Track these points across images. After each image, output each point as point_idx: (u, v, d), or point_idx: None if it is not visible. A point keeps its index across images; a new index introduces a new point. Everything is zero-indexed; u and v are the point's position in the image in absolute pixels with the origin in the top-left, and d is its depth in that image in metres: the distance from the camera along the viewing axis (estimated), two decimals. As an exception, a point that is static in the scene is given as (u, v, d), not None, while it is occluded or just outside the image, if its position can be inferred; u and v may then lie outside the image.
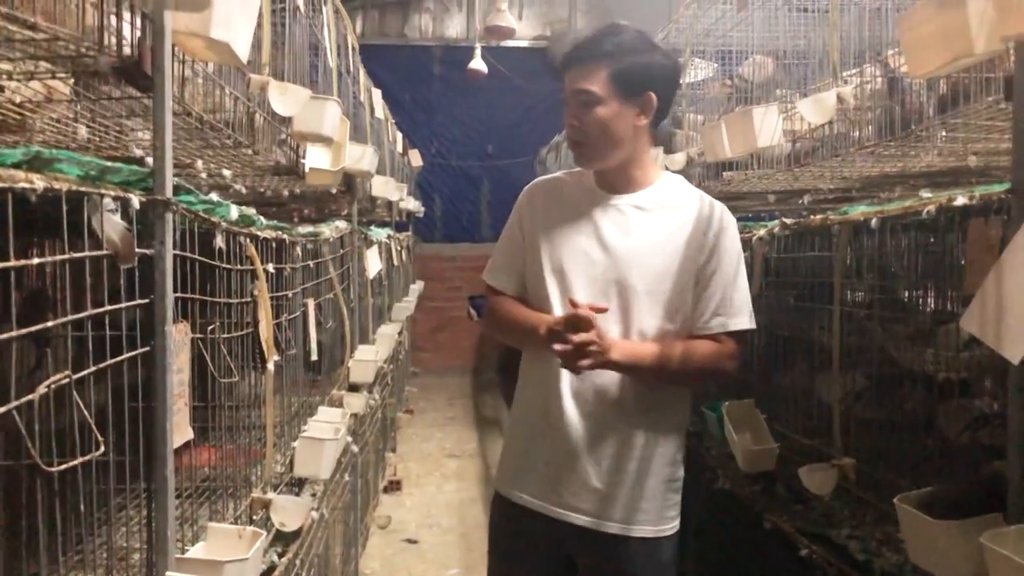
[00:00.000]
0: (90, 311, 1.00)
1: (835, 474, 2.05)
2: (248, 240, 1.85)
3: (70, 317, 0.94)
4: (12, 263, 0.80)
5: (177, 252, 1.28)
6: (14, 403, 0.78)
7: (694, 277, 1.91)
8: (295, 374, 2.62)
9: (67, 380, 0.90)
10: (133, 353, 1.14)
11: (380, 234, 5.11)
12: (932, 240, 2.50)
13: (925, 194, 1.75)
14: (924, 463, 2.09)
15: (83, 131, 1.48)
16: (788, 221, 2.36)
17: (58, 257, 0.91)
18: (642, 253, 1.93)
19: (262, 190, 3.25)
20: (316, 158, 2.45)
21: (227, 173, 2.23)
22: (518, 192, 2.18)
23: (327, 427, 2.43)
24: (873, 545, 2.13)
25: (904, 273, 2.57)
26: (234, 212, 1.64)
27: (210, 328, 1.53)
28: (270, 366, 1.85)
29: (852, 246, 2.12)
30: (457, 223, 10.54)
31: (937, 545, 1.43)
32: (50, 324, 0.90)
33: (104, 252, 1.00)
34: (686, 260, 1.92)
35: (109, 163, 1.02)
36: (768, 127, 2.36)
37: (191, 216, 1.40)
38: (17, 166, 0.82)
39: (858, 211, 1.97)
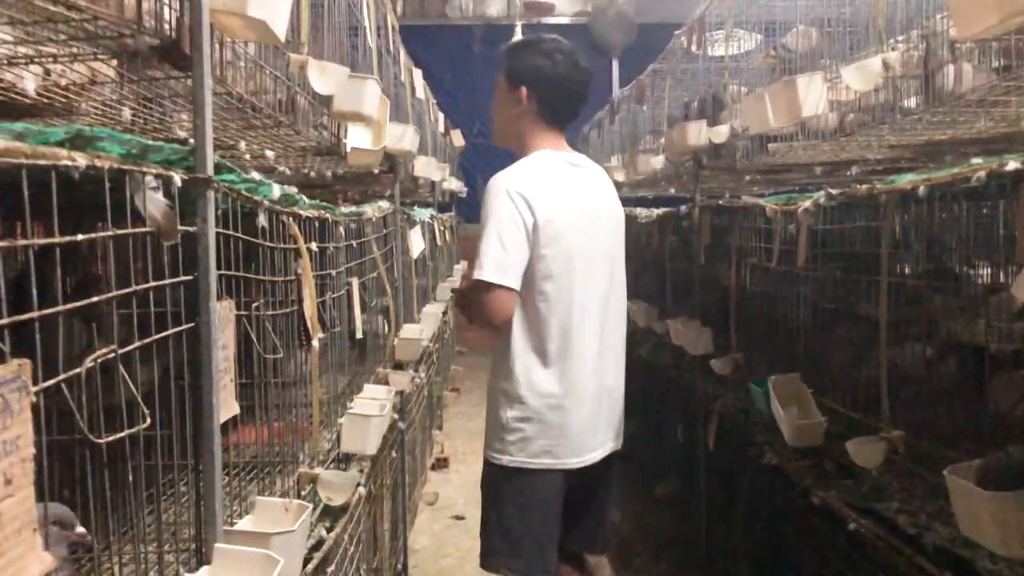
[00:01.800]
0: (133, 287, 1.02)
1: (883, 447, 2.02)
2: (291, 219, 1.86)
3: (114, 293, 0.96)
4: (57, 239, 0.82)
5: (220, 230, 1.30)
6: (62, 376, 0.79)
7: None
8: (341, 352, 2.65)
9: (113, 355, 0.91)
10: (178, 329, 1.16)
11: (423, 214, 5.13)
12: (984, 209, 2.44)
13: (976, 161, 1.70)
14: (976, 436, 2.05)
15: (127, 113, 1.51)
16: (834, 191, 2.31)
17: (101, 234, 0.93)
18: None
19: (306, 171, 3.28)
20: (357, 137, 2.46)
21: (270, 154, 2.26)
22: None
23: (373, 404, 2.45)
24: (924, 519, 2.10)
25: (955, 243, 2.52)
26: (276, 191, 1.66)
27: (254, 305, 1.55)
28: (315, 343, 1.87)
29: (900, 216, 2.08)
30: (499, 204, 10.50)
31: (988, 517, 1.40)
32: (94, 300, 0.91)
33: (147, 229, 1.02)
34: None
35: (151, 142, 1.03)
36: (813, 96, 2.32)
37: (233, 195, 1.41)
38: (60, 144, 0.83)
39: (905, 179, 1.93)
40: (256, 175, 1.52)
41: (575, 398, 2.34)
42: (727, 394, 3.59)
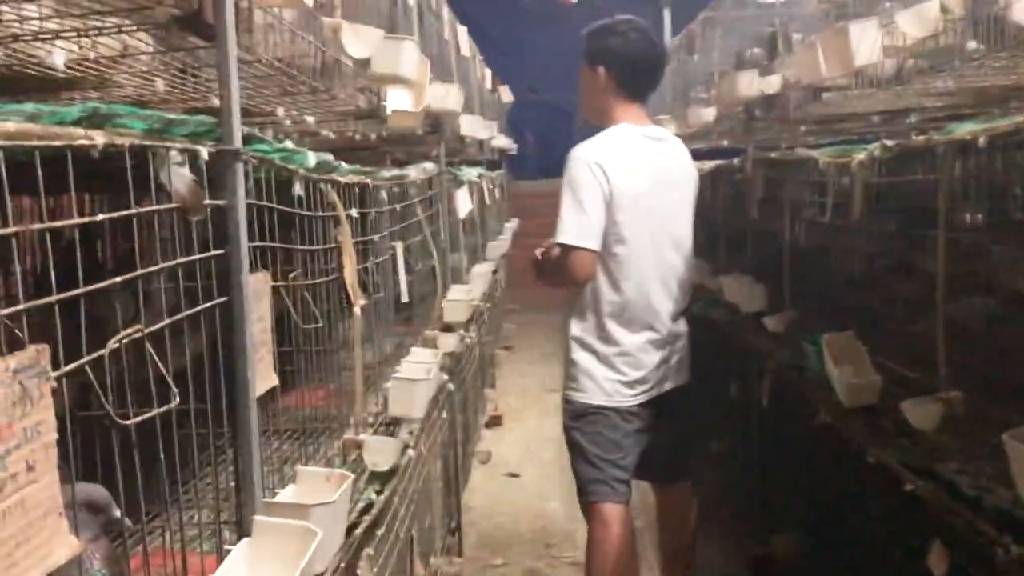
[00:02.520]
0: (160, 264, 1.01)
1: (940, 408, 1.95)
2: (330, 186, 1.85)
3: (137, 272, 0.95)
4: (75, 220, 0.81)
5: (252, 201, 1.29)
6: (84, 359, 0.79)
7: None
8: (386, 316, 2.65)
9: (140, 334, 0.91)
10: (209, 304, 1.15)
11: (470, 173, 5.10)
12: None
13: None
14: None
15: (160, 84, 1.50)
16: (889, 143, 2.22)
17: (123, 212, 0.92)
18: None
19: (350, 134, 3.27)
20: (397, 100, 2.44)
21: (310, 119, 2.24)
22: None
23: (419, 368, 2.46)
24: (984, 481, 2.03)
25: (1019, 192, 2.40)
26: (312, 159, 1.64)
27: (292, 275, 1.54)
28: (356, 310, 1.87)
29: (961, 165, 1.98)
30: (551, 158, 10.37)
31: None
32: (128, 277, 0.91)
33: (173, 205, 1.01)
34: None
35: (174, 116, 1.02)
36: (866, 44, 2.21)
37: (267, 165, 1.40)
38: (77, 123, 0.82)
39: (964, 129, 1.84)
40: (290, 144, 1.50)
41: (637, 347, 2.67)
42: (781, 351, 3.52)
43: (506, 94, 8.13)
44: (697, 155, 6.93)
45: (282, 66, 1.51)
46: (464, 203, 4.38)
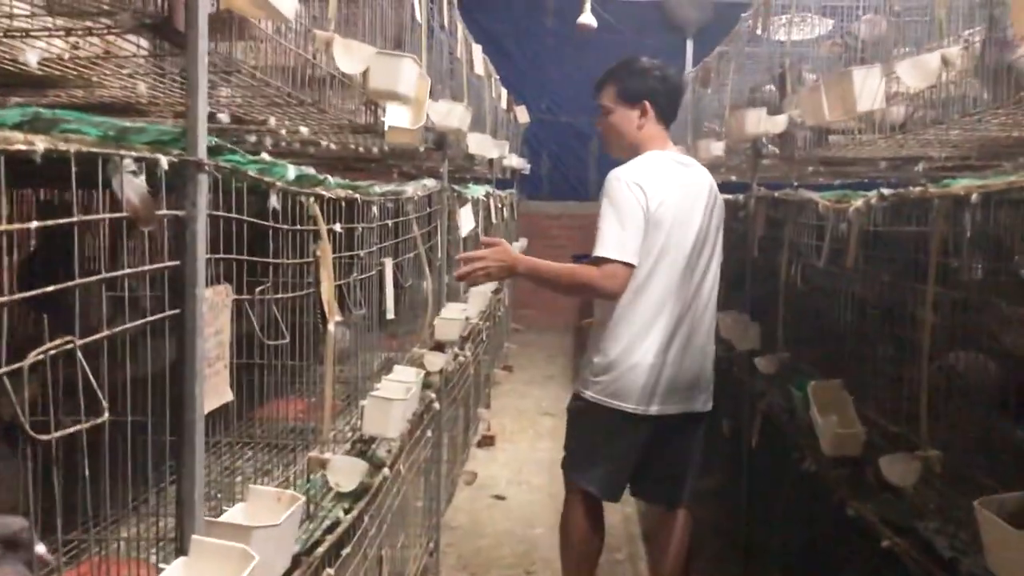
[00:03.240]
0: (105, 274, 0.99)
1: (918, 466, 1.91)
2: (312, 200, 1.83)
3: (82, 280, 0.93)
4: (5, 227, 0.79)
5: (217, 213, 1.27)
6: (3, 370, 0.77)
7: None
8: (371, 332, 2.63)
9: (71, 346, 0.89)
10: (160, 316, 1.13)
11: (477, 191, 5.08)
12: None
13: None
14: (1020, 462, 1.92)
15: (142, 87, 1.48)
16: (886, 192, 2.19)
17: (62, 220, 0.90)
18: None
19: (353, 146, 3.26)
20: (396, 116, 2.42)
21: (304, 130, 2.23)
22: None
23: (398, 387, 2.43)
24: (961, 543, 1.98)
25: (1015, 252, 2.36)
26: (291, 172, 1.62)
27: (259, 289, 1.52)
28: (331, 327, 1.84)
29: (953, 221, 1.95)
30: (564, 180, 10.35)
31: (1017, 557, 1.30)
32: (65, 286, 0.89)
33: (122, 214, 0.99)
34: None
35: (131, 124, 1.00)
36: (869, 90, 2.19)
37: (238, 176, 1.38)
38: (18, 127, 0.80)
39: (960, 184, 1.80)
40: (267, 156, 1.48)
41: (652, 356, 2.80)
42: (773, 392, 3.48)
43: (522, 115, 8.12)
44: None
45: (264, 78, 1.49)
46: (467, 221, 4.36)
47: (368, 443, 2.44)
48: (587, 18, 7.89)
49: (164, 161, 1.07)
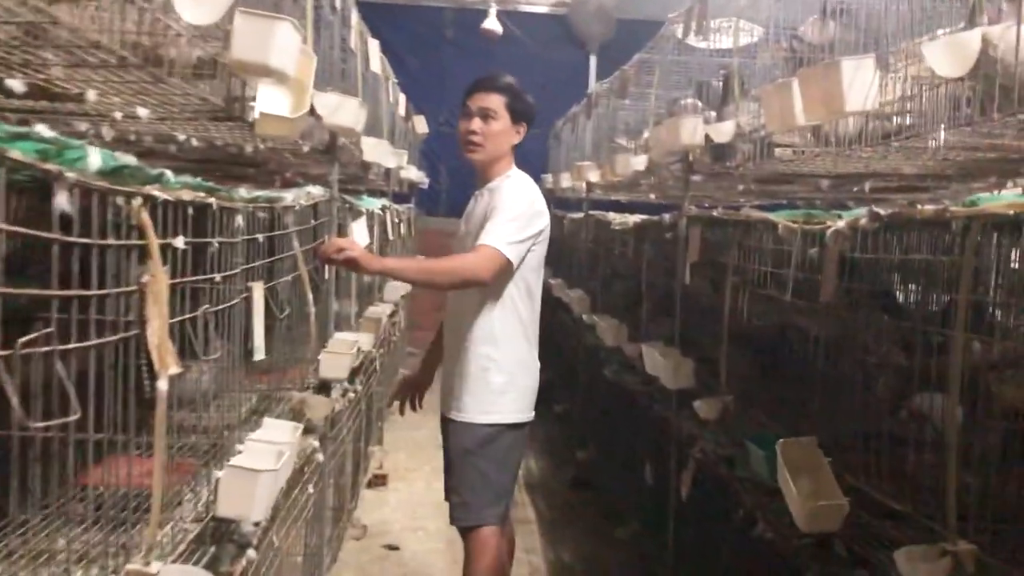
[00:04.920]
0: None
1: (947, 564, 1.48)
2: (140, 204, 1.28)
3: None
4: None
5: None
6: None
7: (487, 221, 2.74)
8: (233, 375, 2.07)
9: None
10: None
11: (373, 204, 4.54)
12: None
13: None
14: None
15: None
16: (880, 211, 1.78)
17: None
18: (473, 219, 2.88)
19: (221, 143, 2.69)
20: (270, 100, 1.88)
21: (142, 112, 1.67)
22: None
23: (268, 451, 1.88)
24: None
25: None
26: (95, 159, 1.07)
27: (24, 340, 0.97)
28: (161, 384, 1.29)
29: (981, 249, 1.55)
30: (464, 196, 9.84)
31: None
32: None
33: None
34: (485, 214, 2.78)
35: None
36: (860, 86, 1.79)
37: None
38: None
39: (1001, 201, 1.40)
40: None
41: (534, 367, 2.92)
42: (708, 437, 3.06)
43: (420, 125, 7.61)
44: (620, 208, 6.60)
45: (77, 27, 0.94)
46: (361, 236, 3.82)
47: (222, 523, 1.88)
48: (492, 23, 7.48)
49: None
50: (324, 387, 3.03)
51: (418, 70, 9.77)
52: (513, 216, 2.71)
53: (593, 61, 10.04)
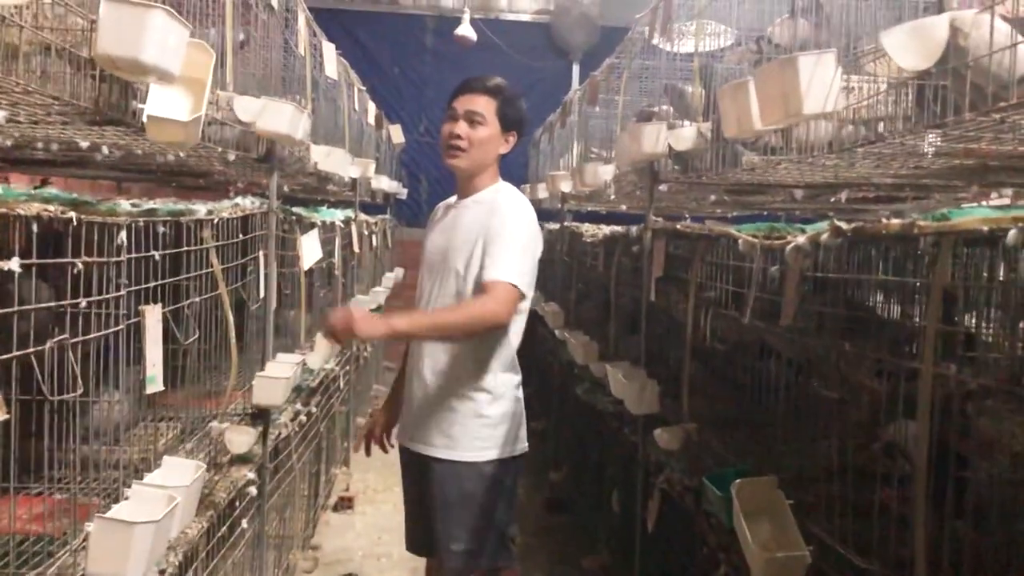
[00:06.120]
0: None
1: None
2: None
3: None
4: None
5: None
6: None
7: (480, 243, 2.52)
8: (135, 408, 1.85)
9: None
10: None
11: (330, 215, 4.33)
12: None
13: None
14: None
15: None
16: (843, 225, 1.58)
17: None
18: (459, 233, 2.59)
19: (140, 152, 2.48)
20: (160, 103, 1.67)
21: (-1, 115, 1.46)
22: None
23: (156, 497, 1.66)
24: None
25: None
26: None
27: None
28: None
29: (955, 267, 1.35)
30: (445, 208, 9.67)
31: None
32: None
33: None
34: (478, 233, 2.53)
35: None
36: (820, 85, 1.59)
37: None
38: None
39: (971, 216, 1.20)
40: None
41: (521, 391, 2.68)
42: (675, 466, 2.84)
43: (396, 135, 7.41)
44: (594, 219, 6.39)
45: None
46: (311, 250, 3.61)
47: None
48: (465, 29, 7.30)
49: None
50: (261, 414, 2.81)
51: (399, 79, 9.61)
52: (521, 244, 2.50)
53: (576, 70, 9.86)
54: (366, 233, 5.83)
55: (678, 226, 2.80)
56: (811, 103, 1.60)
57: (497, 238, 2.48)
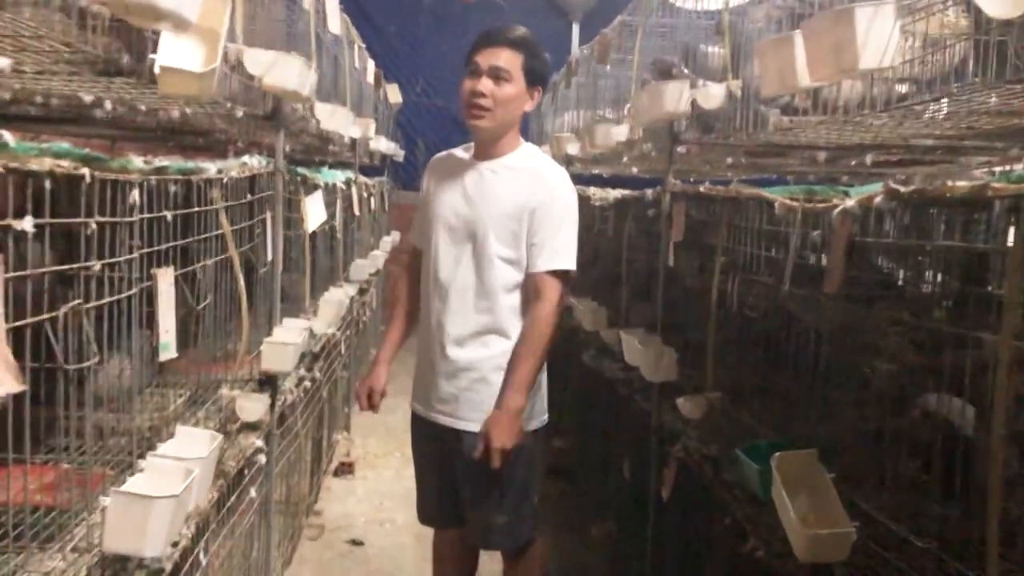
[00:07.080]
0: None
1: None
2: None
3: None
4: None
5: None
6: None
7: (526, 220, 2.41)
8: (138, 373, 1.77)
9: None
10: None
11: (333, 176, 4.22)
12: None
13: None
14: None
15: None
16: (900, 188, 1.49)
17: None
18: (493, 203, 2.44)
19: (157, 108, 2.37)
20: (173, 52, 1.57)
21: (3, 63, 1.35)
22: None
23: (173, 470, 1.58)
24: None
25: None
26: None
27: None
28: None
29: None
30: (443, 169, 9.55)
31: None
32: None
33: None
34: (519, 205, 2.41)
35: None
36: (877, 39, 1.49)
37: None
38: None
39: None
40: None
41: None
42: (692, 434, 2.78)
43: (394, 94, 7.26)
44: (603, 182, 6.27)
45: None
46: (316, 212, 3.51)
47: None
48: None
49: None
50: (269, 380, 2.73)
51: (395, 38, 9.47)
52: (575, 223, 2.45)
53: (576, 30, 9.72)
54: (365, 196, 5.72)
55: (701, 188, 2.71)
56: (868, 57, 1.51)
57: (549, 219, 2.40)
